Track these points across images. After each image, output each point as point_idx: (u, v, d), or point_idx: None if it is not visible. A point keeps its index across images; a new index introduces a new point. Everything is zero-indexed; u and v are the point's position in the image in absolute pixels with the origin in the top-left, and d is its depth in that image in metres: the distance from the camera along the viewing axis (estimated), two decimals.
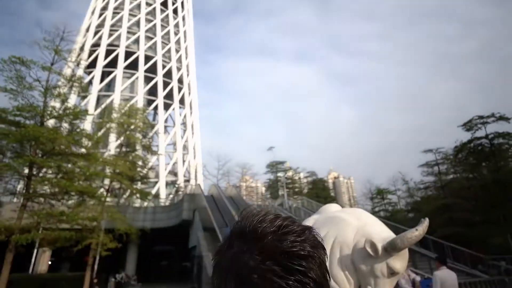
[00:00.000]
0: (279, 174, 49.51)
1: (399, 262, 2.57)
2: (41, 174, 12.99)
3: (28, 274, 17.12)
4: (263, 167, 50.99)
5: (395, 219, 29.67)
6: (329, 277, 0.47)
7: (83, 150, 14.05)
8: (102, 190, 18.32)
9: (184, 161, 45.04)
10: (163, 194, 38.37)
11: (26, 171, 11.96)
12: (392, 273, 2.60)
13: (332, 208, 3.53)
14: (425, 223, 2.55)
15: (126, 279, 21.49)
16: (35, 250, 18.12)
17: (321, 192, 49.01)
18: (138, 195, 20.76)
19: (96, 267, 17.85)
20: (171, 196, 36.40)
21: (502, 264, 13.40)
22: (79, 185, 12.57)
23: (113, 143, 27.21)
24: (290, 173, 52.21)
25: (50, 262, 22.28)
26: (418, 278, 6.40)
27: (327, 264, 1.99)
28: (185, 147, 46.22)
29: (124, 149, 21.85)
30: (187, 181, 43.38)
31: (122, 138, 21.75)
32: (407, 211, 35.02)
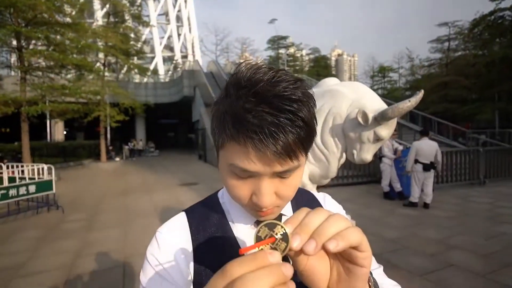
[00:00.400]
0: (281, 50, 47.23)
1: (386, 130, 2.74)
2: (31, 47, 12.50)
3: (47, 142, 18.80)
4: (264, 43, 48.19)
5: (392, 97, 30.34)
6: (316, 123, 0.52)
7: (68, 19, 12.98)
8: (98, 64, 17.97)
9: (179, 34, 42.08)
10: (161, 70, 37.72)
11: (15, 43, 11.51)
12: (377, 139, 2.82)
13: (331, 81, 3.52)
14: (419, 95, 2.59)
15: (145, 147, 23.75)
16: (48, 121, 19.33)
17: (322, 70, 48.13)
18: (136, 70, 20.48)
19: (108, 136, 19.49)
20: (170, 72, 35.89)
21: (482, 137, 14.51)
22: (74, 58, 12.27)
23: (99, 12, 24.75)
24: (292, 50, 49.83)
25: (65, 132, 24.14)
26: (400, 148, 7.09)
27: (320, 129, 2.15)
28: (178, 18, 42.27)
29: (112, 19, 20.13)
30: (185, 57, 41.81)
31: (107, 6, 19.64)
32: (405, 89, 35.37)
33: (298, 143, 0.46)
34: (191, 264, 0.56)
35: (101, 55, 18.22)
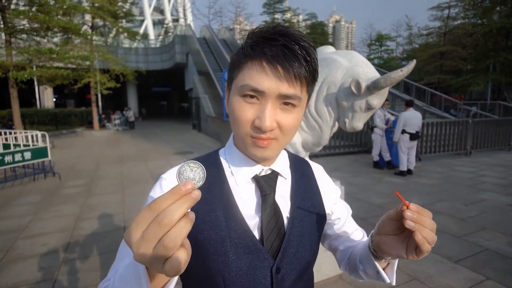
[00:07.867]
0: (277, 15, 45.40)
1: (377, 99, 2.81)
2: (13, 7, 11.81)
3: (37, 108, 18.43)
4: (259, 7, 46.10)
5: (388, 67, 30.02)
6: (317, 75, 0.59)
7: None
8: (85, 27, 17.17)
9: None
10: (151, 34, 36.23)
11: None
12: (368, 108, 2.90)
13: (327, 49, 3.50)
14: (411, 64, 2.63)
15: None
16: (36, 88, 18.80)
17: (319, 38, 46.70)
18: (125, 34, 19.66)
19: (100, 104, 19.15)
20: (160, 37, 34.53)
21: (473, 109, 14.67)
22: (60, 20, 11.68)
23: None
24: (288, 15, 47.93)
25: (54, 99, 23.60)
26: (392, 118, 7.23)
27: (314, 98, 2.24)
28: None
29: None
30: (176, 20, 40.05)
31: None
32: (401, 59, 34.94)
33: (303, 72, 0.54)
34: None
35: (87, 17, 17.34)
